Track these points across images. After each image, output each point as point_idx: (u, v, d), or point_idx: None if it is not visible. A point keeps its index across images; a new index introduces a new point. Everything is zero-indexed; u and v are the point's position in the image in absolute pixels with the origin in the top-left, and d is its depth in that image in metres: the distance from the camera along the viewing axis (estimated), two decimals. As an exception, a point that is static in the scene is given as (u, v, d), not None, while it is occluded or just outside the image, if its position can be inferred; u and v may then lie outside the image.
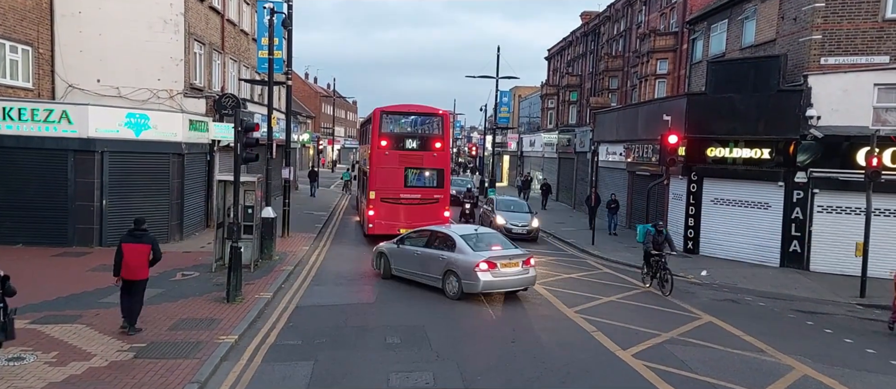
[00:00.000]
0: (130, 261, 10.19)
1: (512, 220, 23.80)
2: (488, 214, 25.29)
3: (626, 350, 10.67)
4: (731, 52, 24.36)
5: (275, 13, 20.58)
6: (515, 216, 24.35)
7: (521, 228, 23.54)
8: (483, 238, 14.76)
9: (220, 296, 12.77)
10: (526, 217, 24.53)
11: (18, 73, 18.57)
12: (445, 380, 9.07)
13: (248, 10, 29.14)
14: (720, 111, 20.38)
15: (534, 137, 52.59)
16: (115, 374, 8.56)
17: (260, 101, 28.77)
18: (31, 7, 18.87)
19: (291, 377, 9.02)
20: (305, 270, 16.68)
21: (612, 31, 42.24)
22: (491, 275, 13.47)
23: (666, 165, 19.70)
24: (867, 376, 10.09)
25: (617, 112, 30.86)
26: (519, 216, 24.46)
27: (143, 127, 18.13)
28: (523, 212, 25.10)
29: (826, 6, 19.26)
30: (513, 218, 24.09)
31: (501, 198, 27.20)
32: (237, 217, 14.41)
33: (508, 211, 24.91)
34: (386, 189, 21.32)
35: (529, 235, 23.64)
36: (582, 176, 36.95)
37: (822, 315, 14.31)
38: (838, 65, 19.16)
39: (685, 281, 17.52)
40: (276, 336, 10.88)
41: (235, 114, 13.43)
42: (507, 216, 24.14)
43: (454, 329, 11.74)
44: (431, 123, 22.07)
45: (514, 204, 26.51)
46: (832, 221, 18.72)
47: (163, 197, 18.64)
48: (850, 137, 17.99)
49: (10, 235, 16.94)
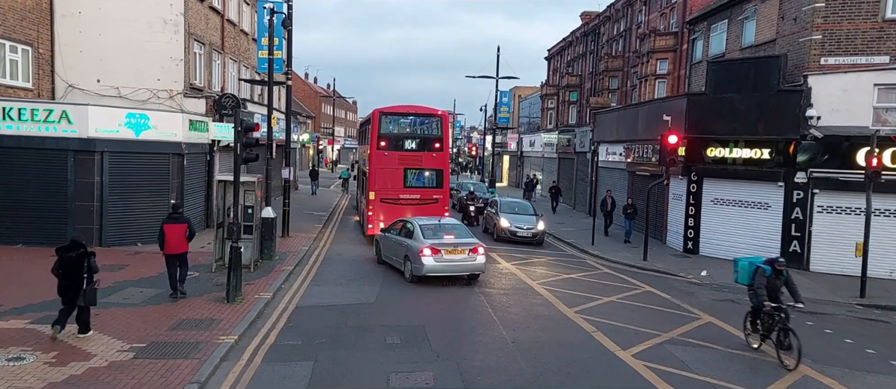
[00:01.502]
0: (171, 239, 12.43)
1: (516, 223, 22.91)
2: (492, 217, 24.29)
3: (626, 351, 10.67)
4: (731, 52, 24.37)
5: (275, 13, 20.59)
6: (520, 218, 23.34)
7: (527, 231, 22.59)
8: (442, 228, 16.41)
9: (220, 296, 12.77)
10: (531, 219, 23.43)
11: (18, 73, 18.57)
12: (445, 380, 9.07)
13: (248, 10, 29.14)
14: (720, 111, 20.38)
15: (534, 137, 52.57)
16: (114, 374, 8.56)
17: (260, 101, 28.78)
18: (31, 7, 18.87)
19: (291, 377, 9.02)
20: (305, 270, 16.68)
21: (612, 31, 42.24)
22: (434, 260, 15.08)
23: (666, 165, 19.70)
24: (867, 376, 10.09)
25: (617, 112, 30.85)
26: (524, 218, 23.41)
27: (143, 127, 18.13)
28: (528, 215, 23.94)
29: (826, 6, 19.27)
30: (517, 220, 23.10)
31: (506, 200, 25.75)
32: (237, 217, 14.42)
33: (513, 213, 23.82)
34: (385, 189, 21.34)
35: (535, 239, 22.66)
36: (582, 176, 36.94)
37: (822, 315, 14.31)
38: (838, 65, 19.16)
39: (685, 281, 17.53)
40: (276, 336, 10.88)
41: (235, 114, 13.43)
42: (511, 218, 23.23)
43: (454, 329, 11.74)
44: (430, 124, 22.11)
45: (519, 205, 25.16)
46: (832, 221, 18.71)
47: (163, 197, 18.61)
48: (850, 137, 17.99)
49: (9, 235, 16.93)
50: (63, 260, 9.77)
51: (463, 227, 17.25)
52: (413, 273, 15.45)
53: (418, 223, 16.37)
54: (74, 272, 9.70)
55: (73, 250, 9.79)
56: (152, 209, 18.26)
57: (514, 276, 16.98)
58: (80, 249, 9.81)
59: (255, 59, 27.49)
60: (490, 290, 15.10)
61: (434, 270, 15.16)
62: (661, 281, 17.33)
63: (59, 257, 9.80)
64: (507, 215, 23.46)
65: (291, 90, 23.62)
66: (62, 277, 9.76)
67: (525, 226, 22.79)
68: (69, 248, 9.81)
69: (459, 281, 15.65)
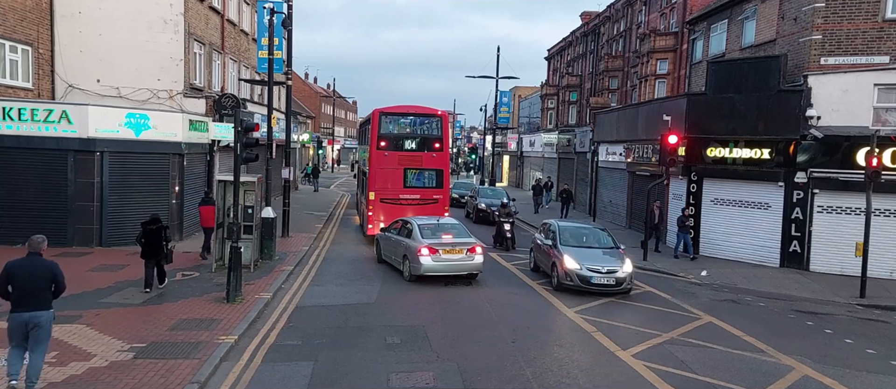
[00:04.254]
0: (205, 215, 16.86)
1: (590, 263, 14.84)
2: (549, 251, 16.23)
3: (626, 351, 10.67)
4: (731, 52, 24.37)
5: (275, 13, 20.59)
6: (594, 256, 15.43)
7: (607, 277, 14.61)
8: (441, 227, 16.41)
9: (220, 296, 12.77)
10: (612, 258, 15.46)
11: (18, 73, 18.57)
12: (445, 380, 9.06)
13: (248, 10, 29.14)
14: (720, 111, 20.37)
15: (534, 137, 52.56)
16: (114, 374, 8.56)
17: (260, 101, 28.78)
18: (31, 7, 18.87)
19: (291, 377, 9.02)
20: (305, 270, 16.68)
21: (612, 31, 42.25)
22: (432, 260, 15.13)
23: (666, 165, 19.69)
24: (867, 376, 10.08)
25: (617, 112, 30.85)
26: (599, 255, 15.54)
27: (143, 127, 18.12)
28: (606, 249, 16.11)
29: (826, 6, 19.26)
30: (590, 259, 15.11)
31: (567, 226, 17.51)
32: (237, 217, 14.43)
33: (580, 246, 15.98)
34: (385, 189, 21.34)
35: (620, 287, 14.76)
36: (582, 176, 36.94)
37: (822, 315, 14.30)
38: (838, 65, 19.16)
39: (685, 281, 17.53)
40: (276, 336, 10.88)
41: (235, 114, 13.45)
42: (579, 256, 15.18)
43: (454, 329, 11.73)
44: (430, 124, 22.11)
45: (588, 234, 17.15)
46: (832, 221, 18.71)
47: (163, 197, 18.62)
48: (850, 137, 17.98)
49: (10, 235, 16.90)
50: (146, 231, 12.87)
51: (462, 227, 17.14)
52: (411, 272, 15.50)
53: (417, 223, 16.40)
54: (155, 239, 12.85)
55: (153, 224, 13.01)
56: (152, 209, 18.21)
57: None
58: (158, 223, 13.10)
59: (255, 59, 27.50)
60: (490, 290, 15.10)
61: (432, 270, 15.19)
62: (661, 280, 17.32)
63: (144, 229, 12.91)
64: (573, 250, 15.54)
65: (291, 90, 23.61)
66: (145, 244, 12.83)
67: (603, 268, 14.78)
68: (151, 223, 13.03)
69: (459, 281, 15.65)
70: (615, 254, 15.75)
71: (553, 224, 17.38)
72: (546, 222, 18.30)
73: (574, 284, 14.74)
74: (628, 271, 15.02)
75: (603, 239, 16.79)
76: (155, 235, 12.88)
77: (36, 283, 7.71)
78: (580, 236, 16.75)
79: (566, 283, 14.91)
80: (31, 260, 7.88)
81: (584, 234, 17.01)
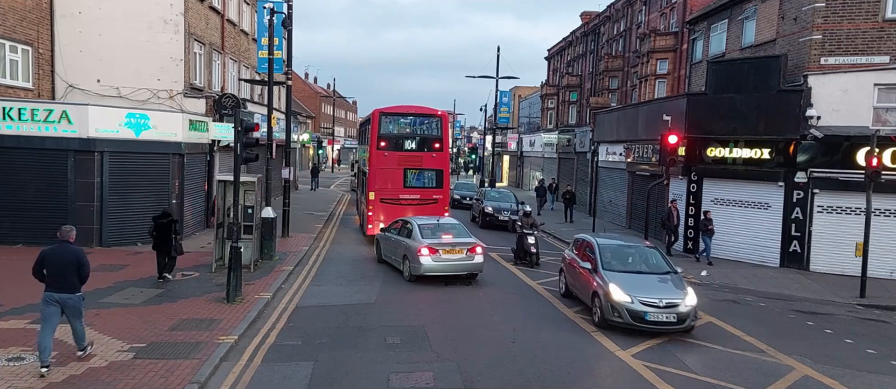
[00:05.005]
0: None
1: (643, 294, 11.73)
2: (587, 276, 12.94)
3: (625, 351, 10.67)
4: (731, 52, 24.36)
5: (275, 13, 20.58)
6: (648, 284, 12.28)
7: (666, 313, 11.51)
8: (441, 227, 16.39)
9: (220, 297, 12.77)
10: (670, 287, 12.23)
11: (18, 73, 18.57)
12: (445, 380, 9.06)
13: (248, 10, 29.14)
14: (720, 111, 20.36)
15: (534, 137, 52.57)
16: (114, 374, 8.55)
17: (260, 101, 28.78)
18: (31, 7, 18.87)
19: (291, 377, 9.02)
20: (305, 270, 16.68)
21: (612, 31, 42.25)
22: (432, 260, 15.12)
23: (666, 165, 19.69)
24: (867, 376, 10.08)
25: (617, 112, 30.84)
26: (654, 284, 12.39)
27: (143, 127, 18.12)
28: (660, 273, 12.91)
29: (826, 6, 19.26)
30: (643, 289, 11.96)
31: (609, 244, 13.81)
32: (237, 217, 14.44)
33: (630, 271, 12.78)
34: (385, 189, 21.35)
35: (681, 323, 11.61)
36: (582, 176, 36.93)
37: (823, 315, 14.30)
38: (838, 65, 19.16)
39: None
40: (276, 336, 10.87)
41: (235, 114, 13.45)
42: (629, 284, 11.99)
43: (454, 329, 11.72)
44: (430, 124, 22.12)
45: (636, 254, 13.61)
46: (832, 221, 18.70)
47: (163, 197, 18.61)
48: (850, 137, 17.98)
49: (10, 235, 16.93)
50: (157, 225, 13.75)
51: (462, 227, 17.10)
52: (411, 272, 15.50)
53: (417, 222, 16.38)
54: (165, 233, 13.70)
55: (164, 218, 13.96)
56: (152, 209, 18.22)
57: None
58: (169, 217, 14.07)
59: (255, 59, 27.49)
60: (490, 290, 15.08)
61: (432, 270, 15.19)
62: (661, 281, 17.28)
63: (155, 223, 13.79)
64: (620, 277, 12.30)
65: (291, 90, 23.61)
66: (156, 238, 13.71)
67: (657, 299, 11.67)
68: (161, 216, 13.99)
69: (459, 281, 15.65)
70: (673, 281, 12.50)
71: (592, 241, 13.80)
72: (581, 238, 14.65)
73: (624, 322, 11.54)
74: (692, 303, 11.72)
75: (654, 259, 13.46)
76: (165, 228, 13.76)
77: (65, 269, 8.66)
78: (625, 257, 13.37)
79: (614, 320, 11.68)
80: (62, 248, 8.86)
81: (631, 254, 13.54)
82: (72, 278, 8.68)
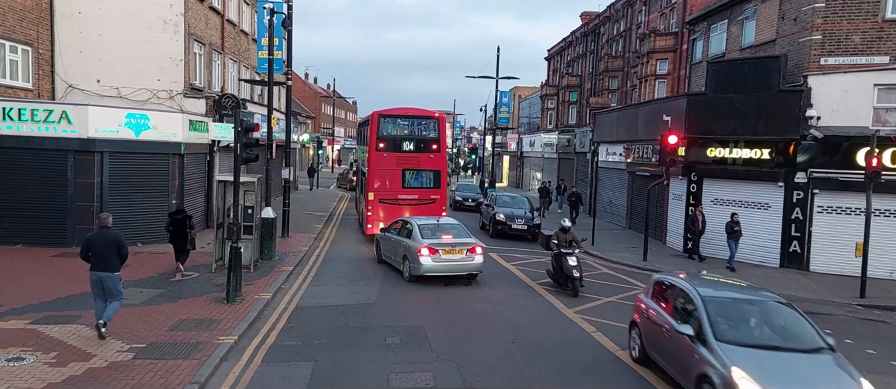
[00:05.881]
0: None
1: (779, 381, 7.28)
2: (687, 348, 8.38)
3: (625, 351, 10.66)
4: (731, 52, 24.36)
5: (275, 13, 20.58)
6: (794, 373, 7.57)
7: None
8: (440, 228, 16.37)
9: (219, 297, 12.76)
10: (828, 379, 7.61)
11: (18, 73, 18.56)
12: (445, 381, 9.06)
13: (248, 10, 29.14)
14: (720, 111, 20.36)
15: (534, 138, 52.60)
16: (114, 375, 8.55)
17: (260, 101, 28.79)
18: (31, 7, 18.87)
19: (291, 377, 9.01)
20: (305, 270, 16.68)
21: (612, 32, 42.27)
22: (432, 260, 15.13)
23: (666, 165, 19.69)
24: (867, 376, 10.04)
25: (617, 112, 30.86)
26: (804, 374, 7.61)
27: (143, 127, 18.12)
28: (807, 352, 8.05)
29: (826, 6, 19.26)
30: (790, 382, 7.38)
31: (719, 297, 8.95)
32: (237, 217, 14.44)
33: (762, 346, 8.03)
34: (384, 190, 21.46)
35: None
36: (582, 176, 36.94)
37: (822, 315, 14.29)
38: (838, 65, 19.16)
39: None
40: (276, 336, 10.87)
41: (235, 114, 13.45)
42: (767, 374, 7.31)
43: (454, 329, 11.72)
44: (428, 126, 22.31)
45: (761, 312, 8.85)
46: (832, 221, 18.70)
47: (163, 197, 18.62)
48: (850, 137, 17.98)
49: (9, 235, 16.92)
50: (173, 221, 14.63)
51: (462, 227, 17.09)
52: (411, 272, 15.51)
53: (417, 223, 16.36)
54: (181, 228, 14.55)
55: (179, 214, 14.93)
56: (152, 209, 18.26)
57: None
58: (183, 213, 15.01)
59: (255, 59, 27.48)
60: (490, 290, 15.08)
61: (432, 270, 15.20)
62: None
63: (171, 219, 14.72)
64: (749, 356, 7.72)
65: (291, 90, 23.62)
66: (172, 233, 14.56)
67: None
68: (177, 213, 15.02)
69: (459, 281, 15.65)
70: (836, 366, 7.88)
71: (688, 289, 9.16)
72: (664, 280, 10.16)
73: None
74: None
75: (791, 321, 8.66)
76: (181, 224, 14.63)
77: (107, 250, 9.95)
78: (745, 317, 8.72)
79: None
80: (103, 232, 10.17)
81: (753, 313, 8.83)
82: (113, 259, 9.93)
